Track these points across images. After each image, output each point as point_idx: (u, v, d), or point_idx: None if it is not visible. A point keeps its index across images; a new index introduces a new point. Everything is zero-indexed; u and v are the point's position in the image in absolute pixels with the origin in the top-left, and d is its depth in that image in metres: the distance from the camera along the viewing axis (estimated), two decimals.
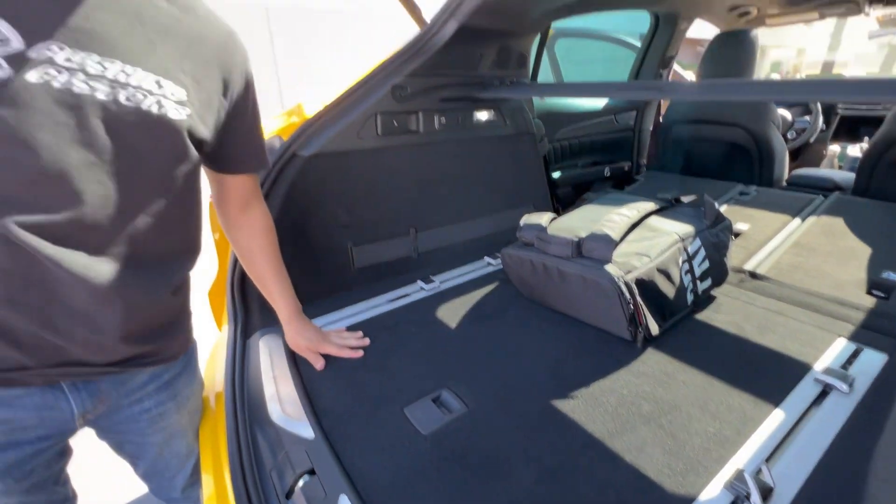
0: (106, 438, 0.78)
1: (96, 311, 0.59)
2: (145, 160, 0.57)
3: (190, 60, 0.58)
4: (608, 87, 1.19)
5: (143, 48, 0.53)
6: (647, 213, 1.05)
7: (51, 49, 0.46)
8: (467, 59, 1.26)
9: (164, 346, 0.72)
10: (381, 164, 1.21)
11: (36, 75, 0.46)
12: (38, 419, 0.62)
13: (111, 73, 0.51)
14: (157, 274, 0.65)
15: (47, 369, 0.59)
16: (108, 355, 0.64)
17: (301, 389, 0.84)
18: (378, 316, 1.11)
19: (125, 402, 0.72)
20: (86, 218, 0.53)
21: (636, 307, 0.86)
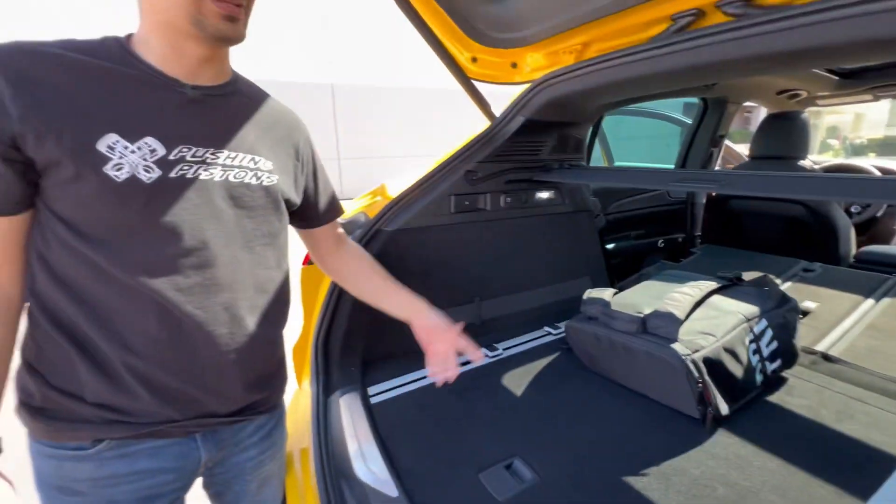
0: (211, 486, 0.84)
1: (226, 362, 0.68)
2: (255, 220, 0.69)
3: (270, 139, 0.73)
4: (664, 176, 1.27)
5: (240, 137, 0.68)
6: (710, 291, 1.09)
7: (182, 151, 0.61)
8: (531, 146, 1.41)
9: (271, 393, 0.81)
10: (453, 238, 1.34)
11: (175, 172, 0.60)
12: (177, 469, 0.70)
13: (221, 159, 0.65)
14: (268, 324, 0.74)
15: (187, 421, 0.67)
16: (231, 405, 0.72)
17: (382, 449, 0.91)
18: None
19: (235, 450, 0.79)
20: (217, 279, 0.65)
21: (705, 386, 0.88)
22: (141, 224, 0.58)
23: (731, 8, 0.80)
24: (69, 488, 0.64)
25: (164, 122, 0.59)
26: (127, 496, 0.66)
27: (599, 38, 1.10)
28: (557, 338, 1.37)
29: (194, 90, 0.62)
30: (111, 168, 0.55)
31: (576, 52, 1.17)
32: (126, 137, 0.56)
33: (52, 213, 0.57)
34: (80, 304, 0.59)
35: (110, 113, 0.56)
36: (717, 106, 2.06)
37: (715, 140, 2.15)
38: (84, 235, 0.57)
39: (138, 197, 0.57)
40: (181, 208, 0.60)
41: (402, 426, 0.98)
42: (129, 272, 0.58)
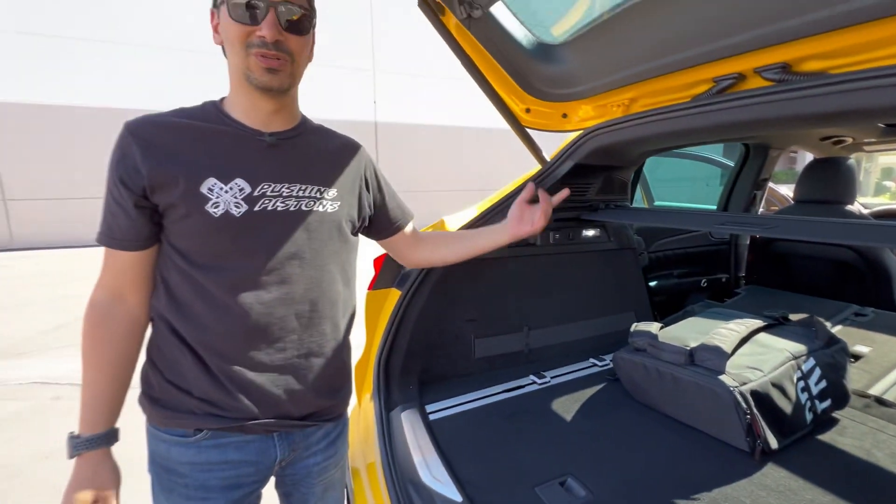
0: (281, 486, 0.95)
1: (298, 367, 0.80)
2: (322, 242, 0.81)
3: (335, 168, 0.85)
4: (707, 218, 1.34)
5: (308, 171, 0.80)
6: (756, 329, 1.13)
7: (263, 188, 0.74)
8: (578, 187, 1.52)
9: (337, 402, 0.91)
10: (505, 271, 1.45)
11: (258, 206, 0.74)
12: (257, 463, 0.81)
13: (294, 192, 0.77)
14: (335, 334, 0.86)
15: (267, 420, 0.79)
16: (304, 409, 0.83)
17: (444, 459, 0.99)
18: (496, 403, 1.25)
19: (304, 454, 0.89)
20: (293, 294, 0.77)
21: (753, 418, 0.92)
22: (233, 250, 0.72)
23: (771, 74, 0.91)
24: (174, 470, 0.77)
25: (249, 164, 0.74)
26: (217, 482, 0.78)
27: (646, 94, 1.22)
28: (603, 369, 1.43)
29: (271, 136, 0.76)
30: (210, 206, 0.70)
31: (623, 105, 1.29)
32: (221, 180, 0.71)
33: (171, 245, 0.73)
34: (186, 316, 0.74)
35: (209, 162, 0.72)
36: (760, 151, 2.12)
37: (758, 183, 2.19)
38: (192, 261, 0.72)
39: (231, 228, 0.71)
40: (263, 236, 0.74)
41: (459, 441, 1.06)
42: (223, 289, 0.72)
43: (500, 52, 1.28)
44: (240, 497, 0.81)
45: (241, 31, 0.69)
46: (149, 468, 0.81)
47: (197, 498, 0.76)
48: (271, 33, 0.69)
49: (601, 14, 1.12)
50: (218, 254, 0.72)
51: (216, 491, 0.77)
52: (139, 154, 0.69)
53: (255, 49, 0.70)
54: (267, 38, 0.69)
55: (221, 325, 0.73)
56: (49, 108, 7.82)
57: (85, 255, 7.38)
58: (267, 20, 0.69)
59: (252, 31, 0.69)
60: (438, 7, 1.21)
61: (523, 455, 1.02)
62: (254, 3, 0.68)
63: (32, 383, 2.84)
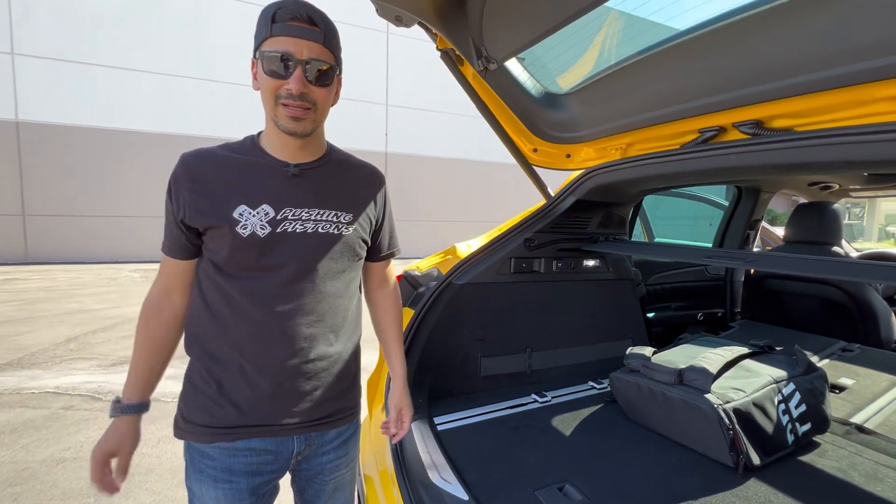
0: (296, 482, 1.03)
1: (310, 371, 0.90)
2: (334, 261, 0.91)
3: (353, 193, 0.95)
4: (699, 252, 1.46)
5: (327, 197, 0.91)
6: (741, 355, 1.23)
7: (285, 212, 0.86)
8: (580, 221, 1.66)
9: (347, 405, 0.99)
10: (511, 295, 1.56)
11: (280, 227, 0.85)
12: (276, 453, 0.90)
13: (313, 216, 0.88)
14: (342, 342, 0.95)
15: (290, 420, 0.89)
16: (321, 411, 0.93)
17: (451, 463, 1.08)
18: (500, 417, 1.34)
19: (319, 451, 0.97)
20: (305, 306, 0.87)
21: (735, 434, 1.01)
22: (256, 265, 0.84)
23: (746, 128, 1.05)
24: (205, 452, 0.87)
25: (275, 192, 0.86)
26: (241, 467, 0.88)
27: (641, 140, 1.37)
28: (601, 391, 1.51)
29: (295, 167, 0.88)
30: (240, 228, 0.82)
31: (621, 149, 1.44)
32: (250, 205, 0.83)
33: (208, 258, 0.86)
34: (214, 318, 0.86)
35: (242, 189, 0.84)
36: (752, 193, 2.26)
37: (751, 223, 2.32)
38: (222, 273, 0.85)
39: (256, 247, 0.83)
40: (283, 253, 0.85)
41: (466, 449, 1.15)
42: (247, 298, 0.84)
43: (511, 98, 1.44)
44: (260, 483, 0.90)
45: (273, 84, 0.79)
46: (185, 453, 0.91)
47: (223, 480, 0.86)
48: (297, 87, 0.79)
49: (602, 71, 1.29)
50: (244, 267, 0.84)
51: (240, 475, 0.87)
52: (188, 184, 0.83)
53: (283, 100, 0.80)
54: (293, 91, 0.79)
55: (244, 329, 0.85)
56: (70, 128, 8.20)
57: (94, 271, 7.54)
58: (294, 75, 0.78)
59: (281, 84, 0.79)
60: (458, 59, 1.38)
61: (525, 462, 1.10)
62: (285, 60, 0.78)
63: (46, 393, 2.91)
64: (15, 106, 7.88)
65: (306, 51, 0.79)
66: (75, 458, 2.19)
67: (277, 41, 0.78)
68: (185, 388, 0.90)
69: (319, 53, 0.80)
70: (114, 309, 5.09)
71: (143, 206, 8.67)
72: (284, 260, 0.85)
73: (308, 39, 0.79)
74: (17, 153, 7.96)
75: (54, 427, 2.49)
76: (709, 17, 0.99)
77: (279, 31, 0.78)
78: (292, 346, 0.87)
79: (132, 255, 8.71)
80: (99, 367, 3.37)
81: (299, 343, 0.87)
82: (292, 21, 0.78)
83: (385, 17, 1.19)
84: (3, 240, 7.98)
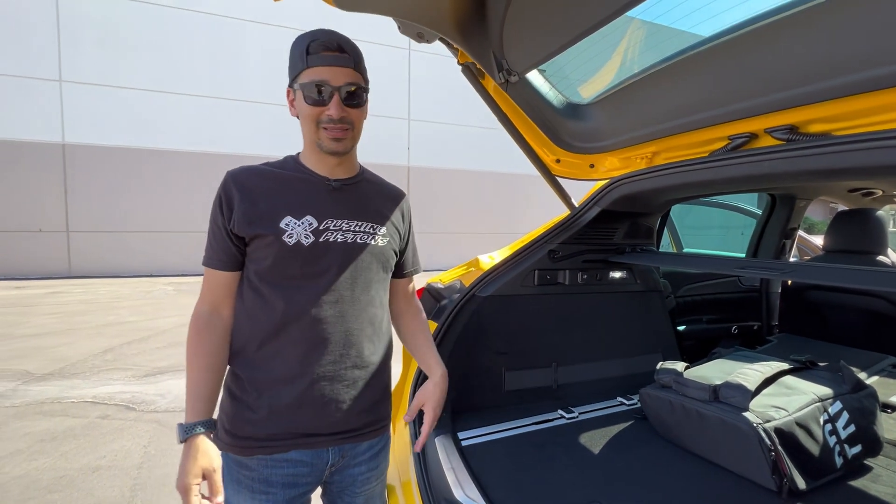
0: (327, 495, 1.04)
1: (351, 379, 0.91)
2: (370, 271, 0.94)
3: (385, 209, 1.00)
4: (731, 263, 1.40)
5: (364, 210, 0.95)
6: (781, 371, 1.17)
7: (327, 223, 0.90)
8: (605, 232, 1.62)
9: (378, 417, 1.00)
10: (535, 307, 1.54)
11: (323, 237, 0.89)
12: (312, 465, 0.92)
13: (352, 227, 0.92)
14: (376, 350, 0.97)
15: (328, 430, 0.90)
16: (357, 421, 0.94)
17: (476, 480, 1.05)
18: (526, 433, 1.31)
19: (351, 463, 0.98)
20: (344, 313, 0.90)
21: (778, 455, 0.95)
22: (300, 273, 0.88)
23: (780, 134, 1.02)
24: (244, 463, 0.88)
25: (317, 204, 0.91)
26: (278, 478, 0.89)
27: (667, 148, 1.34)
28: (631, 407, 1.46)
29: (336, 182, 0.93)
30: (286, 237, 0.86)
31: (646, 158, 1.41)
32: (295, 216, 0.88)
33: (252, 268, 0.89)
34: (256, 329, 0.88)
35: (287, 202, 0.89)
36: (786, 201, 2.17)
37: (787, 232, 2.22)
38: (266, 282, 0.87)
39: (300, 255, 0.87)
40: (325, 262, 0.89)
41: (490, 466, 1.12)
42: (290, 307, 0.87)
43: (533, 110, 1.44)
44: (295, 496, 0.91)
45: (314, 112, 0.86)
46: (224, 461, 0.92)
47: (260, 491, 0.87)
48: (337, 112, 0.85)
49: (625, 80, 1.27)
50: (288, 276, 0.87)
51: (277, 486, 0.88)
52: (237, 197, 0.87)
53: (325, 124, 0.86)
54: (334, 116, 0.85)
55: (286, 337, 0.87)
56: (110, 149, 8.65)
57: (131, 284, 7.85)
58: (333, 101, 0.85)
59: (322, 110, 0.85)
60: (479, 72, 1.39)
61: (552, 481, 1.06)
62: (323, 89, 0.84)
63: (84, 402, 3.02)
64: (62, 129, 8.39)
65: (341, 77, 0.85)
66: (110, 467, 2.25)
67: (314, 72, 0.84)
68: (225, 400, 0.91)
69: (352, 77, 0.86)
70: (148, 321, 5.27)
71: (176, 221, 9.03)
72: (326, 268, 0.89)
73: (341, 66, 0.85)
74: (62, 173, 8.45)
75: (91, 435, 2.57)
76: (737, 22, 0.96)
77: (314, 62, 0.84)
78: (333, 352, 0.90)
79: (166, 269, 9.05)
80: (133, 377, 3.49)
81: (340, 350, 0.90)
82: (325, 52, 0.84)
83: (407, 34, 1.21)
84: (49, 255, 8.44)
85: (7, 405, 2.94)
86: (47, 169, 8.34)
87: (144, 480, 2.15)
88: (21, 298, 6.40)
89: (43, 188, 8.33)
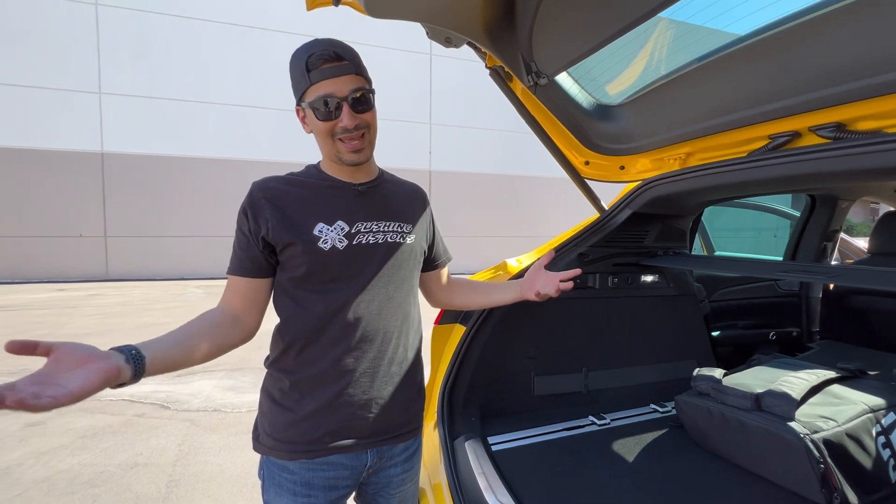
0: (362, 497, 1.04)
1: (387, 377, 0.93)
2: (401, 269, 0.95)
3: (409, 207, 1.01)
4: (770, 266, 1.35)
5: (390, 211, 0.96)
6: (828, 379, 1.12)
7: (358, 226, 0.91)
8: (636, 234, 1.59)
9: (415, 416, 1.01)
10: (564, 312, 1.51)
11: (355, 240, 0.90)
12: (352, 468, 0.93)
13: (381, 227, 0.93)
14: (410, 347, 0.98)
15: (367, 430, 0.92)
16: (394, 420, 0.95)
17: (507, 485, 1.04)
18: (557, 439, 1.29)
19: (387, 464, 0.99)
20: (380, 311, 0.92)
21: (827, 468, 0.91)
22: (337, 276, 0.89)
23: (826, 132, 0.97)
24: (286, 467, 0.89)
25: (347, 208, 0.92)
26: (320, 481, 0.90)
27: (701, 149, 1.30)
28: (665, 415, 1.42)
29: (360, 186, 0.94)
30: (321, 243, 0.87)
31: (680, 159, 1.38)
32: (327, 223, 0.89)
33: (287, 276, 0.90)
34: (295, 334, 0.89)
35: (317, 209, 0.90)
36: (827, 202, 2.08)
37: (828, 235, 2.13)
38: (302, 288, 0.89)
39: (336, 259, 0.88)
40: (359, 263, 0.91)
41: (521, 471, 1.11)
42: (329, 307, 0.88)
43: (562, 112, 1.42)
44: (336, 498, 0.92)
45: (327, 126, 0.85)
46: (259, 471, 0.94)
47: (302, 494, 0.88)
48: (350, 121, 0.85)
49: (658, 79, 1.25)
50: (324, 280, 0.89)
51: (318, 489, 0.89)
52: (268, 207, 0.88)
53: (340, 136, 0.86)
54: (348, 125, 0.85)
55: (325, 339, 0.88)
56: (144, 157, 9.02)
57: (163, 287, 8.13)
58: (344, 112, 0.84)
59: (335, 123, 0.85)
60: (507, 76, 1.39)
61: (586, 489, 1.04)
62: (330, 102, 0.83)
63: (121, 400, 3.14)
64: (101, 139, 8.80)
65: (345, 86, 0.84)
66: (147, 464, 2.33)
67: (318, 87, 0.83)
68: (265, 404, 0.93)
69: (356, 83, 0.86)
70: (180, 323, 5.43)
71: (205, 226, 9.32)
72: (362, 269, 0.91)
73: (343, 75, 0.84)
74: (101, 181, 8.85)
75: (129, 433, 2.67)
76: (778, 18, 0.93)
77: (316, 77, 0.83)
78: (372, 349, 0.91)
79: (196, 273, 9.34)
80: (167, 377, 3.61)
81: (378, 346, 0.92)
82: (325, 64, 0.83)
83: (435, 39, 1.22)
84: (89, 259, 8.84)
85: None
86: (87, 177, 8.76)
87: (179, 477, 2.21)
88: (64, 300, 6.72)
89: (83, 195, 8.75)
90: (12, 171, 8.35)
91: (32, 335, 4.67)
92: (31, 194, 8.48)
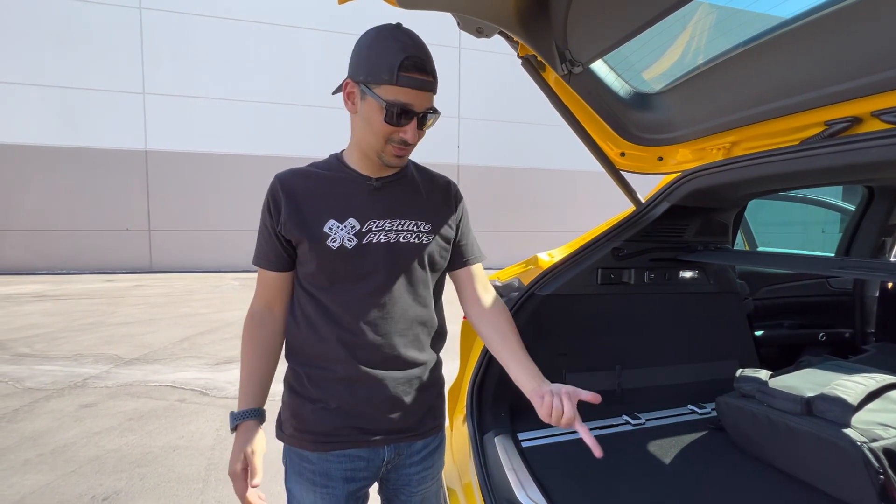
0: (383, 492, 1.05)
1: (415, 380, 0.92)
2: (414, 270, 0.92)
3: (431, 202, 0.97)
4: (821, 263, 1.26)
5: (407, 208, 0.93)
6: (889, 384, 1.04)
7: (370, 224, 0.88)
8: (675, 228, 1.52)
9: (434, 414, 1.01)
10: (597, 307, 1.47)
11: (366, 239, 0.88)
12: (369, 460, 0.93)
13: (395, 227, 0.90)
14: (424, 350, 0.96)
15: (383, 427, 0.92)
16: (412, 418, 0.94)
17: (538, 482, 1.03)
18: None
19: (406, 462, 0.99)
20: (391, 314, 0.90)
21: (887, 479, 0.85)
22: (346, 275, 0.88)
23: (892, 117, 0.90)
24: (305, 456, 0.91)
25: (359, 205, 0.90)
26: (338, 472, 0.91)
27: (748, 138, 1.23)
28: (704, 417, 1.36)
29: (377, 181, 0.91)
30: (329, 241, 0.86)
31: (724, 149, 1.31)
32: (338, 220, 0.88)
33: (300, 270, 0.91)
34: (310, 327, 0.89)
35: (330, 204, 0.88)
36: (887, 194, 1.93)
37: (887, 229, 1.98)
38: (314, 284, 0.89)
39: (345, 258, 0.87)
40: (370, 264, 0.89)
41: (552, 469, 1.09)
42: (339, 308, 0.88)
43: (597, 101, 1.38)
44: (354, 490, 0.93)
45: (387, 130, 0.82)
46: (284, 455, 0.96)
47: (320, 484, 0.90)
48: (413, 138, 0.84)
49: (699, 66, 1.18)
50: (334, 278, 0.89)
51: (336, 480, 0.90)
52: (284, 200, 0.89)
53: (395, 144, 0.84)
54: (409, 140, 0.84)
55: (338, 337, 0.88)
56: (185, 154, 9.40)
57: (202, 279, 8.49)
58: (411, 126, 0.83)
59: (398, 131, 0.83)
60: (540, 65, 1.35)
61: (618, 490, 1.01)
62: (405, 112, 0.80)
63: (164, 386, 3.31)
64: (144, 137, 9.23)
65: (424, 102, 0.83)
66: (187, 447, 2.44)
67: (402, 92, 0.79)
68: (286, 395, 0.95)
69: (431, 102, 0.84)
70: (218, 313, 5.67)
71: (241, 220, 9.64)
72: (372, 269, 0.89)
73: (426, 91, 0.82)
74: (145, 177, 9.31)
75: (171, 417, 2.81)
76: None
77: (405, 82, 0.79)
78: (384, 352, 0.90)
79: (232, 265, 9.69)
80: (206, 365, 3.77)
81: (391, 350, 0.90)
82: (417, 73, 0.80)
83: (466, 30, 1.19)
84: (134, 252, 9.34)
85: (102, 386, 3.28)
86: (132, 173, 9.23)
87: (217, 461, 2.31)
88: (111, 290, 7.12)
89: (128, 191, 9.23)
90: (66, 169, 8.90)
91: (84, 323, 4.98)
92: (82, 191, 9.02)
